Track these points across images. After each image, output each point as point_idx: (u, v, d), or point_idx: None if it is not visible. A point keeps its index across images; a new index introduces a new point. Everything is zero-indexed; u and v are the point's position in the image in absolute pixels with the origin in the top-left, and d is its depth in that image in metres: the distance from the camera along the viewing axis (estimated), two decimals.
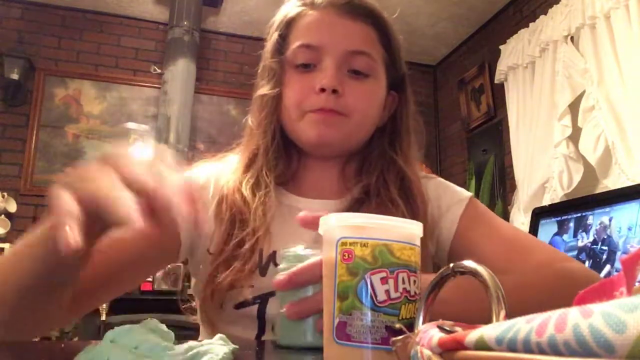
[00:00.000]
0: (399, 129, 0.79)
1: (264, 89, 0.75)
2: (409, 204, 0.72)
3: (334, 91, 0.69)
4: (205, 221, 0.70)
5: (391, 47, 0.76)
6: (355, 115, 0.72)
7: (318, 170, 0.78)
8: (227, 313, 0.66)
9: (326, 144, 0.72)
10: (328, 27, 0.72)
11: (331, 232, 0.39)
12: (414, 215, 0.70)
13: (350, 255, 0.37)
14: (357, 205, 0.73)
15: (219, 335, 0.41)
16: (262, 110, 0.75)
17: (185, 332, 0.80)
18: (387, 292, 0.36)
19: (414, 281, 0.38)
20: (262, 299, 0.65)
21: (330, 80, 0.69)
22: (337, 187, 0.78)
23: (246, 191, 0.71)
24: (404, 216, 0.67)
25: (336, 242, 0.38)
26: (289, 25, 0.76)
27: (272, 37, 0.77)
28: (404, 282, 0.37)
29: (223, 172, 0.77)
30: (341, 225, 0.39)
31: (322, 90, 0.69)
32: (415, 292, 0.37)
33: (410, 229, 0.39)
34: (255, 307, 0.65)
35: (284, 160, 0.77)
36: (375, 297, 0.36)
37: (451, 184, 0.82)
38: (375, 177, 0.75)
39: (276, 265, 0.67)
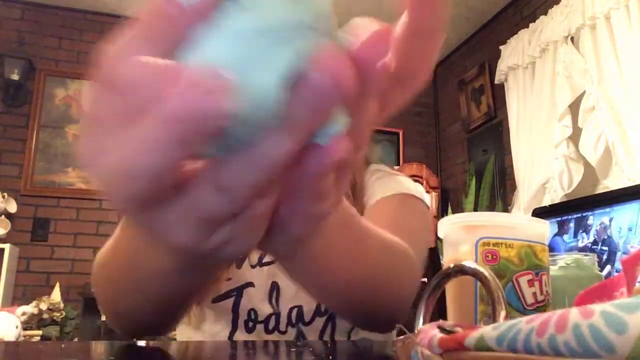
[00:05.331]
0: None
1: None
2: (356, 199, 0.74)
3: None
4: None
5: None
6: None
7: None
8: (204, 308, 0.69)
9: None
10: None
11: (463, 232, 0.37)
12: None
13: (495, 256, 0.35)
14: None
15: None
16: None
17: None
18: (534, 294, 0.35)
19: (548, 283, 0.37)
20: (238, 292, 0.69)
21: None
22: None
23: None
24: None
25: (476, 242, 0.36)
26: None
27: None
28: (546, 285, 0.36)
29: None
30: (482, 224, 0.37)
31: None
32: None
33: (543, 230, 0.38)
34: (231, 300, 0.69)
35: None
36: (524, 300, 0.35)
37: (396, 178, 0.78)
38: None
39: None
